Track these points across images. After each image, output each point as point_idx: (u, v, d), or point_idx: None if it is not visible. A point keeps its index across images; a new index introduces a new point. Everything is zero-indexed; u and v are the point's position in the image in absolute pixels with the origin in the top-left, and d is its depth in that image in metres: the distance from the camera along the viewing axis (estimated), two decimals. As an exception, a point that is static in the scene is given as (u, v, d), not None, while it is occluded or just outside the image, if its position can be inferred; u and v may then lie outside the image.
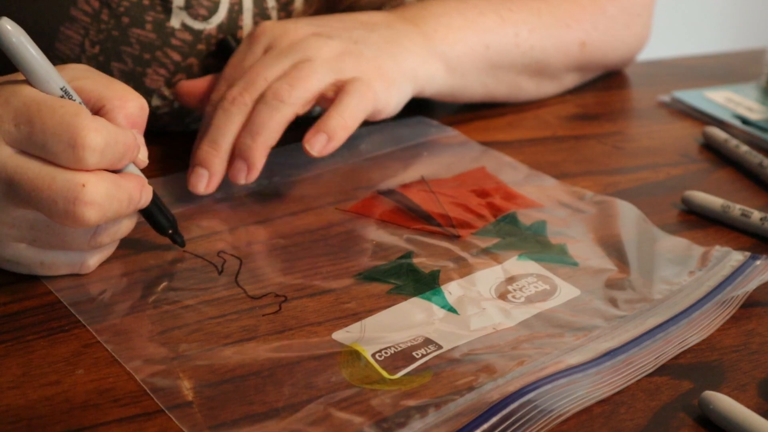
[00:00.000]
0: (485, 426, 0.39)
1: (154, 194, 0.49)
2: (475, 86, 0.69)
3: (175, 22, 0.62)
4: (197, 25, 0.62)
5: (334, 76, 0.57)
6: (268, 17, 0.65)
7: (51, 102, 0.43)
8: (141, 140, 0.48)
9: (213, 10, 0.62)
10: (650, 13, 0.80)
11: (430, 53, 0.64)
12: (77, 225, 0.44)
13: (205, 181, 0.55)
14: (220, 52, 0.63)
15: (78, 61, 0.62)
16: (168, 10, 0.61)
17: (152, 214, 0.50)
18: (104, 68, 0.62)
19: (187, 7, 0.61)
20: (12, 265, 0.48)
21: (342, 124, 0.55)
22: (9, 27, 0.43)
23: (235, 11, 0.63)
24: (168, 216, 0.51)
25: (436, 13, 0.66)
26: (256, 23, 0.64)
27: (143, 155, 0.48)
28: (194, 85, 0.62)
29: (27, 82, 0.44)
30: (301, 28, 0.60)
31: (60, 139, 0.43)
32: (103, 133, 0.43)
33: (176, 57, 0.63)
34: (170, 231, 0.51)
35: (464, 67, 0.66)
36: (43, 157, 0.43)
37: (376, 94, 0.58)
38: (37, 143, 0.43)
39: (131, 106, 0.47)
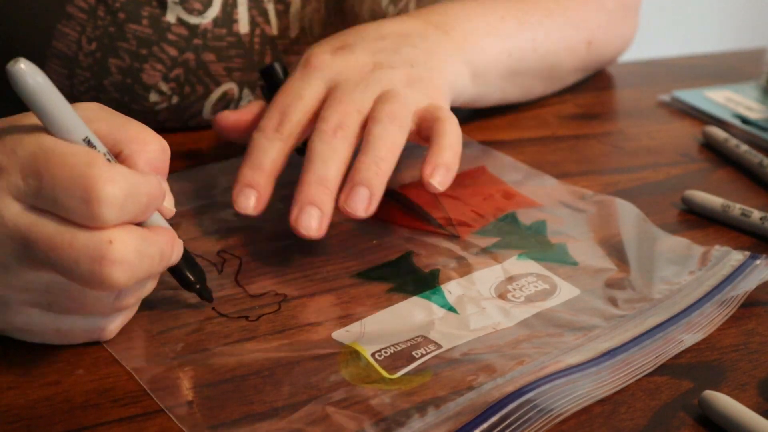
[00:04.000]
0: (485, 425, 0.39)
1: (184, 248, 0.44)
2: (494, 93, 0.68)
3: (170, 17, 0.62)
4: (193, 20, 0.62)
5: (414, 106, 0.55)
6: (263, 11, 0.65)
7: (61, 150, 0.38)
8: (165, 186, 0.42)
9: (207, 4, 0.62)
10: (639, 2, 0.80)
11: (462, 63, 0.63)
12: (104, 288, 0.38)
13: (317, 222, 0.49)
14: (264, 78, 0.60)
15: (75, 58, 0.62)
16: (163, 5, 0.61)
17: (180, 270, 0.45)
18: (101, 65, 0.62)
19: (182, 2, 0.62)
20: (23, 333, 0.42)
21: (456, 153, 0.52)
22: (24, 67, 0.36)
23: (230, 5, 0.63)
24: (196, 269, 0.46)
25: (460, 17, 0.65)
26: (251, 17, 0.64)
27: (169, 203, 0.43)
28: (239, 118, 0.58)
29: (40, 127, 0.39)
30: (359, 57, 0.57)
31: (72, 194, 0.37)
32: (122, 184, 0.37)
33: (173, 52, 0.63)
34: (198, 286, 0.46)
35: (488, 76, 0.66)
36: (57, 213, 0.38)
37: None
38: (47, 198, 0.37)
39: (151, 150, 0.41)
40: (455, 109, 0.71)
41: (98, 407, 0.40)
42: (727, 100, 0.77)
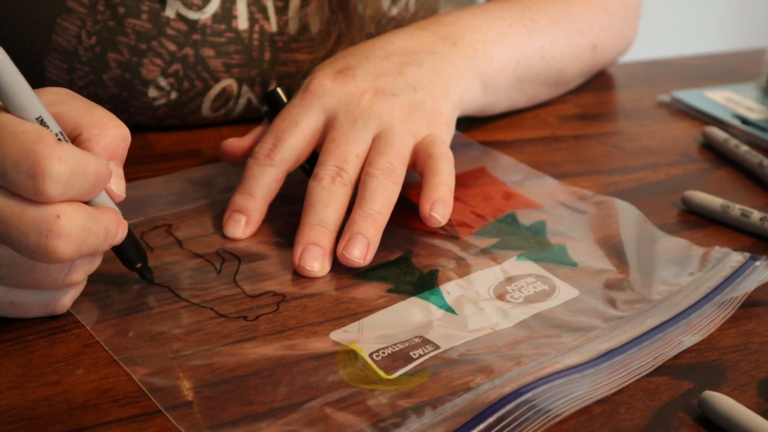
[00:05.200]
0: (482, 426, 0.39)
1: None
2: (503, 101, 0.68)
3: (170, 12, 0.62)
4: (192, 15, 0.63)
5: (413, 140, 0.56)
6: (263, 8, 0.65)
7: (13, 126, 0.39)
8: (119, 172, 0.44)
9: (207, 0, 0.63)
10: (640, 3, 0.80)
11: (471, 75, 0.63)
12: (50, 260, 0.40)
13: (320, 261, 0.50)
14: (267, 103, 0.59)
15: (75, 52, 0.62)
16: (163, 0, 0.61)
17: (124, 249, 0.47)
18: (101, 59, 0.63)
19: None
20: None
21: (450, 188, 0.53)
22: None
23: (229, 1, 0.64)
24: (139, 250, 0.48)
25: (468, 27, 0.64)
26: (251, 13, 0.64)
27: (120, 188, 0.45)
28: (241, 145, 0.58)
29: None
30: (360, 84, 0.57)
31: (19, 169, 0.38)
32: (68, 161, 0.39)
33: (172, 47, 0.63)
34: (138, 265, 0.48)
35: (498, 85, 0.66)
36: (6, 188, 0.39)
37: (449, 146, 0.57)
38: None
39: (111, 135, 0.43)
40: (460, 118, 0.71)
41: (98, 407, 0.40)
42: (727, 101, 0.77)
